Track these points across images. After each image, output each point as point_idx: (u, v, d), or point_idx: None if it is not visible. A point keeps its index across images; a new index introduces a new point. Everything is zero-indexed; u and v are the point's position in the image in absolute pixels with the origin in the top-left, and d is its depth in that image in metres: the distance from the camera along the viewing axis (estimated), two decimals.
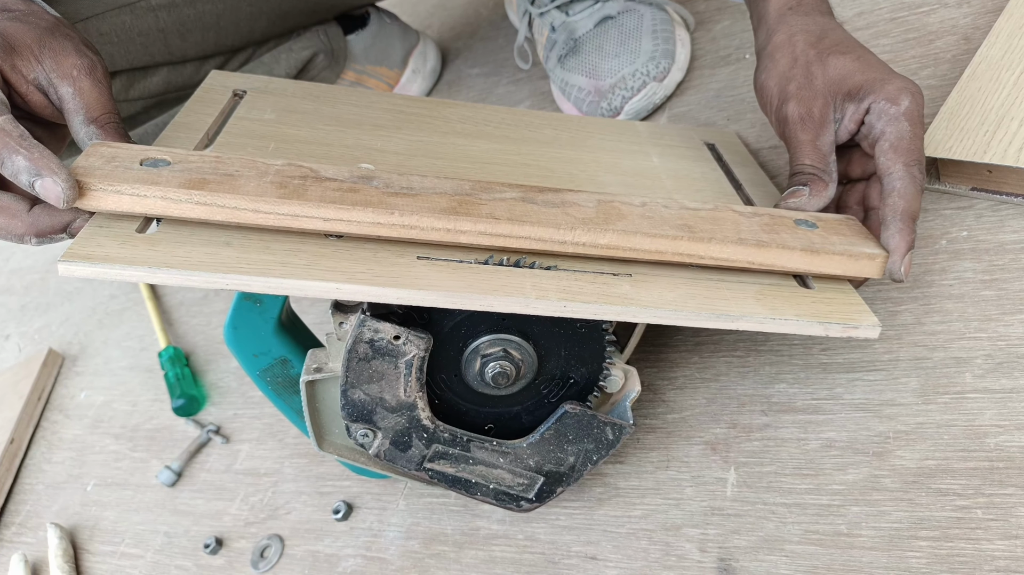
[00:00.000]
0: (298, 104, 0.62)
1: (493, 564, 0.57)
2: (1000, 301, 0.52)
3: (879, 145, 0.51)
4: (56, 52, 0.48)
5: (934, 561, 0.45)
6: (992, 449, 0.47)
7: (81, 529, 0.77)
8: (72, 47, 0.48)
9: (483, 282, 0.45)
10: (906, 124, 0.50)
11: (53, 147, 0.54)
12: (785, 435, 0.53)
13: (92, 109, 0.48)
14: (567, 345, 0.51)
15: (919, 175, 0.50)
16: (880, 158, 0.51)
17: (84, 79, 0.48)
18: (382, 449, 0.51)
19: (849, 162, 0.56)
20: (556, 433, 0.52)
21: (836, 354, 0.55)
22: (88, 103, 0.48)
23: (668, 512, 0.54)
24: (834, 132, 0.53)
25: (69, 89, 0.48)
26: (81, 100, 0.48)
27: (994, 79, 0.58)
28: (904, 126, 0.50)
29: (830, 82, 0.53)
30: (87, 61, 0.48)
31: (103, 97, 0.48)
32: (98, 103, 0.48)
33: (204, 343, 0.89)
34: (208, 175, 0.45)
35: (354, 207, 0.45)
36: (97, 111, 0.48)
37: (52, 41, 0.48)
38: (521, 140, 0.64)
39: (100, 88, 0.48)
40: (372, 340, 0.48)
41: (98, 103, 0.48)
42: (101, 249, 0.42)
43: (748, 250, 0.48)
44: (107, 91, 0.49)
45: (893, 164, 0.50)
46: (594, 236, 0.47)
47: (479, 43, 1.04)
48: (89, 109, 0.47)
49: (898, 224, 0.49)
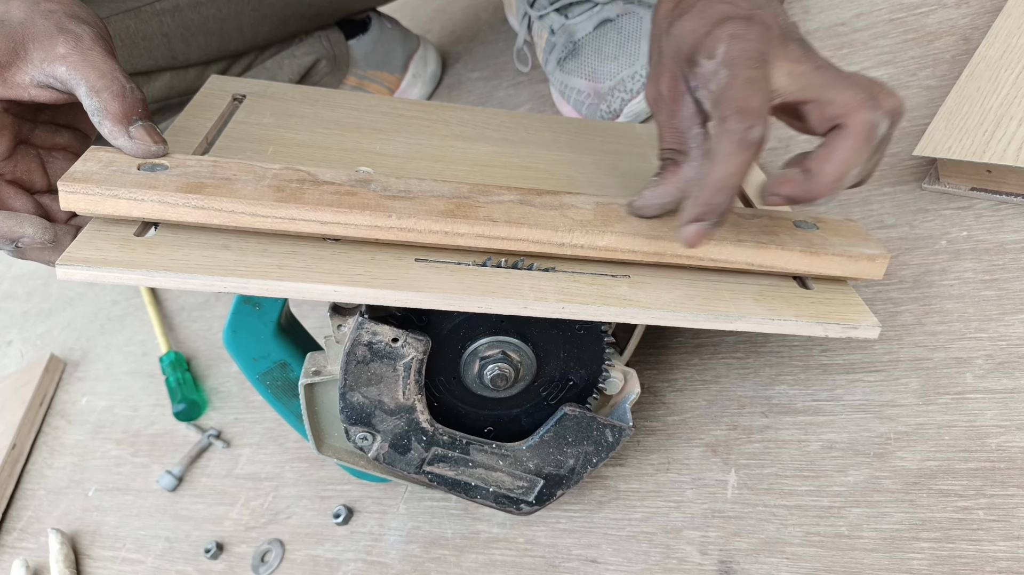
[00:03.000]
0: (297, 108, 0.62)
1: (493, 568, 0.56)
2: (1001, 301, 0.52)
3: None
4: (40, 39, 0.46)
5: (935, 563, 0.45)
6: (993, 450, 0.47)
7: (82, 534, 0.77)
8: (54, 27, 0.47)
9: (481, 284, 0.45)
10: (723, 72, 0.42)
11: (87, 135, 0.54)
12: (785, 437, 0.53)
13: (90, 79, 0.46)
14: (566, 347, 0.51)
15: (736, 125, 0.40)
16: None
17: (73, 54, 0.46)
18: (381, 452, 0.51)
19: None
20: (555, 435, 0.51)
21: (836, 355, 0.55)
22: (86, 75, 0.46)
23: (669, 515, 0.53)
24: (693, 102, 0.46)
25: (63, 68, 0.46)
26: (79, 74, 0.46)
27: (993, 79, 0.58)
28: (721, 75, 0.42)
29: (673, 52, 0.46)
30: (71, 35, 0.47)
31: (98, 62, 0.46)
32: (93, 70, 0.46)
33: (205, 348, 0.89)
34: (205, 179, 0.45)
35: (351, 210, 0.45)
36: (94, 78, 0.46)
37: (33, 29, 0.47)
38: (520, 143, 0.64)
39: (92, 55, 0.46)
40: (370, 343, 0.48)
41: (93, 70, 0.46)
42: (99, 253, 0.42)
43: (747, 251, 0.48)
44: (101, 55, 0.47)
45: (713, 126, 0.42)
46: (593, 238, 0.47)
47: (479, 47, 1.05)
48: (88, 80, 0.46)
49: (697, 193, 0.43)
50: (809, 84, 0.42)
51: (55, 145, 0.53)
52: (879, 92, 0.43)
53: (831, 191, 0.43)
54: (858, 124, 0.41)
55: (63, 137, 0.53)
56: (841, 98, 0.42)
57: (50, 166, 0.52)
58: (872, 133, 0.41)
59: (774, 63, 0.42)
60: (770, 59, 0.42)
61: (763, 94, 0.41)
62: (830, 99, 0.42)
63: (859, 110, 0.41)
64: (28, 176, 0.51)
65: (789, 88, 0.43)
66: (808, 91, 0.42)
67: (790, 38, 0.44)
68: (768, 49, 0.42)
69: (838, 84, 0.42)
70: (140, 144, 0.46)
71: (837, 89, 0.42)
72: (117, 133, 0.46)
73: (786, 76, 0.43)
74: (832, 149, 0.42)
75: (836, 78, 0.43)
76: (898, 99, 0.43)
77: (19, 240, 0.48)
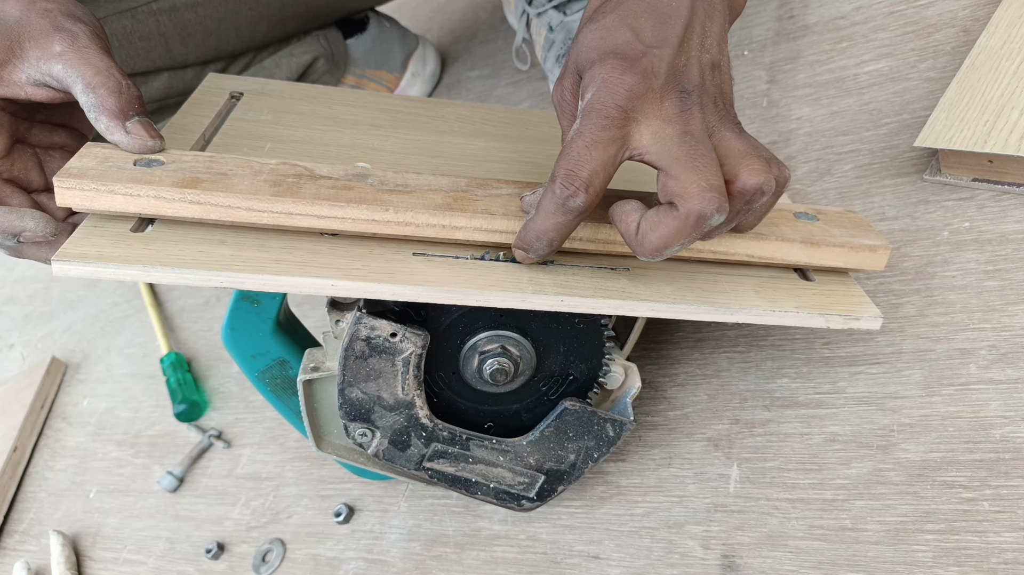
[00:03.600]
0: (294, 105, 0.62)
1: (495, 565, 0.56)
2: (1004, 291, 0.52)
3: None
4: (36, 38, 0.46)
5: (940, 554, 0.44)
6: (998, 440, 0.46)
7: (83, 536, 0.77)
8: (50, 25, 0.47)
9: (480, 277, 0.45)
10: (578, 122, 0.41)
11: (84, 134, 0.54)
12: (788, 430, 0.53)
13: (86, 76, 0.46)
14: (566, 341, 0.50)
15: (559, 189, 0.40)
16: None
17: (70, 52, 0.46)
18: (381, 448, 0.51)
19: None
20: (556, 430, 0.51)
21: (838, 348, 0.55)
22: (82, 72, 0.46)
23: (671, 510, 0.53)
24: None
25: (59, 66, 0.46)
26: (75, 71, 0.46)
27: (994, 69, 0.58)
28: (576, 124, 0.41)
29: (574, 59, 0.44)
30: (67, 34, 0.47)
31: (94, 59, 0.46)
32: (89, 67, 0.46)
33: (206, 349, 0.89)
34: (202, 174, 0.45)
35: (348, 204, 0.44)
36: (91, 75, 0.46)
37: (29, 28, 0.47)
38: (519, 139, 0.64)
39: (89, 53, 0.46)
40: (368, 338, 0.47)
41: (89, 67, 0.46)
42: (95, 248, 0.42)
43: (747, 243, 0.48)
44: (98, 53, 0.47)
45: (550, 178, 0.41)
46: (592, 230, 0.47)
47: (478, 46, 1.04)
48: (84, 77, 0.46)
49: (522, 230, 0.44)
50: (665, 152, 0.40)
51: (52, 144, 0.52)
52: (743, 170, 0.40)
53: (649, 256, 0.41)
54: (685, 211, 0.39)
55: (60, 136, 0.53)
56: (682, 179, 0.39)
57: (47, 165, 0.52)
58: (699, 223, 0.39)
59: (642, 120, 0.40)
60: (636, 116, 0.40)
61: (600, 160, 0.40)
62: (675, 175, 0.39)
63: (692, 199, 0.39)
64: (25, 175, 0.50)
65: (649, 149, 0.41)
66: (660, 158, 0.40)
67: (674, 93, 0.41)
68: (636, 105, 0.40)
69: (690, 161, 0.40)
70: (137, 139, 0.46)
71: (684, 167, 0.39)
72: (114, 128, 0.45)
73: (651, 136, 0.40)
74: (657, 222, 0.40)
75: (693, 153, 0.40)
76: (762, 179, 0.40)
77: (20, 234, 0.47)
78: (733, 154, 0.41)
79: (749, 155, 0.41)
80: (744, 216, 0.43)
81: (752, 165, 0.40)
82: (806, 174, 0.65)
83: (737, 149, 0.41)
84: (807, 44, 0.75)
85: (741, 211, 0.41)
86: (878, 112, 0.66)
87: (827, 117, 0.68)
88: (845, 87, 0.69)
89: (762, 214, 0.44)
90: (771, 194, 0.42)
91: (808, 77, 0.72)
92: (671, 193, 0.40)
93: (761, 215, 0.44)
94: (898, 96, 0.66)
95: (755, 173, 0.40)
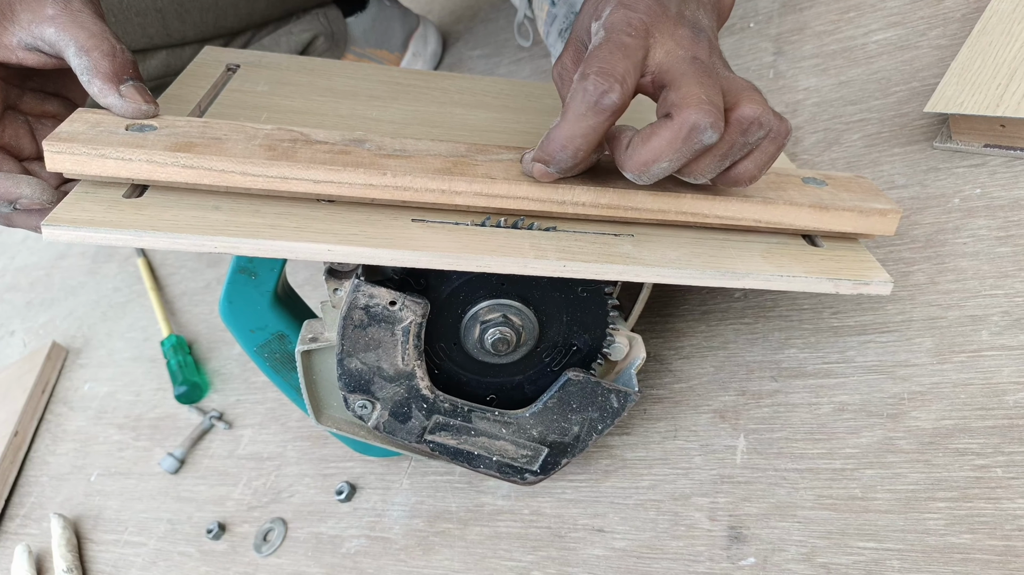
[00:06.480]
0: (292, 77, 0.61)
1: (499, 540, 0.55)
2: (1016, 257, 0.51)
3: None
4: (27, 2, 0.46)
5: (952, 522, 0.43)
6: (1011, 406, 0.45)
7: (85, 519, 0.76)
8: None
9: (480, 243, 0.44)
10: (601, 33, 0.41)
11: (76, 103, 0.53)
12: (796, 400, 0.52)
13: (80, 39, 0.45)
14: (569, 310, 0.49)
15: (592, 85, 0.39)
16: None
17: (62, 16, 0.45)
18: (381, 421, 0.50)
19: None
20: (559, 402, 0.50)
21: (847, 317, 0.53)
22: (75, 35, 0.45)
23: (676, 482, 0.52)
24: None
25: (51, 30, 0.45)
26: (68, 34, 0.45)
27: (1006, 32, 0.56)
28: (599, 36, 0.41)
29: (578, 27, 0.46)
30: None
31: (87, 23, 0.45)
32: (83, 31, 0.45)
33: (207, 331, 0.88)
34: (195, 139, 0.44)
35: (345, 168, 0.43)
36: (84, 38, 0.45)
37: None
38: (520, 110, 0.63)
39: (82, 17, 0.45)
40: (367, 306, 0.46)
41: (83, 31, 0.45)
42: (86, 214, 0.41)
43: (754, 207, 0.47)
44: (91, 17, 0.46)
45: (575, 80, 0.40)
46: (595, 195, 0.46)
47: (480, 25, 1.03)
48: (77, 40, 0.45)
49: (544, 142, 0.42)
50: (674, 68, 0.40)
51: (44, 113, 0.52)
52: (744, 100, 0.40)
53: (635, 171, 0.41)
54: (680, 120, 0.38)
55: (52, 105, 0.52)
56: (683, 90, 0.39)
57: (39, 133, 0.51)
58: (691, 135, 0.38)
59: (658, 39, 0.41)
60: (654, 33, 0.41)
61: (630, 62, 0.40)
62: (678, 87, 0.39)
63: (689, 108, 0.38)
64: (16, 142, 0.50)
65: (661, 67, 0.41)
66: (669, 75, 0.40)
67: (686, 24, 0.42)
68: (654, 22, 0.41)
69: (696, 79, 0.40)
70: (131, 103, 0.45)
71: (689, 81, 0.40)
72: (107, 91, 0.44)
73: (664, 55, 0.41)
74: (649, 134, 0.40)
75: (699, 72, 0.40)
76: (760, 111, 0.40)
77: (17, 201, 0.46)
78: (736, 87, 0.41)
79: (751, 90, 0.41)
80: (740, 154, 0.42)
81: (753, 97, 0.40)
82: (814, 144, 0.64)
83: (740, 85, 0.41)
84: (814, 15, 0.73)
85: (736, 144, 0.41)
86: (887, 81, 0.64)
87: (835, 87, 0.67)
88: (853, 56, 0.68)
89: (761, 163, 0.43)
90: (769, 135, 0.41)
91: (815, 48, 0.71)
92: (670, 103, 0.39)
93: (761, 164, 0.43)
94: (907, 64, 0.64)
95: (755, 103, 0.40)
